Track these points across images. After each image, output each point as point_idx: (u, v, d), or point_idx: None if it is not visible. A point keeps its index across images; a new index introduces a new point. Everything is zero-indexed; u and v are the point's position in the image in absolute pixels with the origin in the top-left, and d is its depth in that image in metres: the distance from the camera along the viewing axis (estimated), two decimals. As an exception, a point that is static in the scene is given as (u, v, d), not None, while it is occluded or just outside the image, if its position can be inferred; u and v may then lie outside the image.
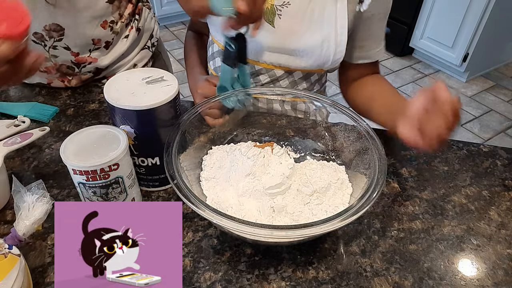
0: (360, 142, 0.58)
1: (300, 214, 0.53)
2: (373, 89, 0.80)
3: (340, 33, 0.72)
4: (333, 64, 0.77)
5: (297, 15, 0.72)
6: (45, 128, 0.62)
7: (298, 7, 0.72)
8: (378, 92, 0.78)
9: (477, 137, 2.24)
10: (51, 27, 0.75)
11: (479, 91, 2.61)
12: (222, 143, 0.65)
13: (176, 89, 0.55)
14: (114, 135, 0.54)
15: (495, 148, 0.75)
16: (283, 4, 0.72)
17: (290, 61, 0.76)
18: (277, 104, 0.80)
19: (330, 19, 0.71)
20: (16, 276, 0.42)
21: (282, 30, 0.74)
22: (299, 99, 0.78)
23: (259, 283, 0.51)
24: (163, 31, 3.12)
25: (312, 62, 0.76)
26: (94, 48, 0.83)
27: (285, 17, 0.73)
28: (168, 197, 0.62)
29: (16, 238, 0.46)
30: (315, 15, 0.71)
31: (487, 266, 0.55)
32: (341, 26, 0.71)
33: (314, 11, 0.71)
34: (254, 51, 0.77)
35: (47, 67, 0.81)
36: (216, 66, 0.86)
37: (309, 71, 0.79)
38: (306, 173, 0.59)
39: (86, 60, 0.83)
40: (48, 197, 0.48)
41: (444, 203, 0.63)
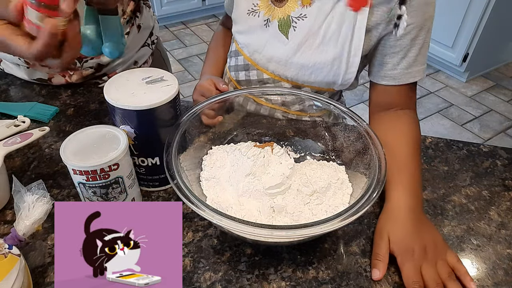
0: (360, 142, 0.58)
1: (300, 214, 0.53)
2: (386, 138, 0.61)
3: (353, 54, 0.70)
4: (343, 85, 0.74)
5: (312, 30, 0.71)
6: (45, 128, 0.62)
7: (314, 21, 0.70)
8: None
9: (477, 137, 2.24)
10: None
11: (479, 91, 2.61)
12: (222, 143, 0.65)
13: (176, 89, 0.55)
14: (114, 135, 0.54)
15: (495, 148, 0.75)
16: (299, 16, 0.71)
17: (298, 76, 0.75)
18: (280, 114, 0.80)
19: (345, 38, 0.69)
20: (16, 276, 0.42)
21: (294, 42, 0.72)
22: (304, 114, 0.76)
23: (259, 283, 0.51)
24: (163, 31, 3.12)
25: (320, 79, 0.74)
26: None
27: (300, 30, 0.72)
28: (168, 197, 0.62)
29: (16, 238, 0.46)
30: (330, 32, 0.69)
31: (487, 266, 0.55)
32: (355, 47, 0.69)
33: (330, 28, 0.69)
34: (264, 58, 0.77)
35: None
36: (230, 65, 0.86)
37: (318, 89, 0.77)
38: (306, 173, 0.59)
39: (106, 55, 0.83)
40: (48, 197, 0.48)
41: (444, 203, 0.63)
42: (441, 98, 2.53)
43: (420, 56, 0.70)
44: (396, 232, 0.54)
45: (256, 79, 0.80)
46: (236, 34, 0.81)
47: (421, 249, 0.52)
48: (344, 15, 0.68)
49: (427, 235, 0.55)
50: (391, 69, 0.71)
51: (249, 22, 0.77)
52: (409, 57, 0.69)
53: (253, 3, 0.76)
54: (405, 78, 0.71)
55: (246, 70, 0.81)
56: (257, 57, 0.78)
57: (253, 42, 0.77)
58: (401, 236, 0.54)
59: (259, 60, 0.78)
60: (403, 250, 0.53)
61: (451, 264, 0.53)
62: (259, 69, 0.79)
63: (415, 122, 0.71)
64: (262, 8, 0.75)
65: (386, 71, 0.72)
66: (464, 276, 0.51)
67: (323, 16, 0.69)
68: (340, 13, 0.68)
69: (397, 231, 0.54)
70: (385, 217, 0.57)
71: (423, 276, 0.51)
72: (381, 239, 0.54)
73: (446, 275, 0.51)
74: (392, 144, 0.64)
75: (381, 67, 0.72)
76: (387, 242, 0.54)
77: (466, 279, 0.51)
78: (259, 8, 0.75)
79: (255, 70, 0.80)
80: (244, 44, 0.79)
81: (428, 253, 0.53)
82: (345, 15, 0.68)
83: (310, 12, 0.71)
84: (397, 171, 0.60)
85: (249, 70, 0.81)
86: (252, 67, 0.80)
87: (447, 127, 2.31)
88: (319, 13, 0.70)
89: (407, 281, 0.50)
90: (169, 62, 1.12)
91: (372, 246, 0.55)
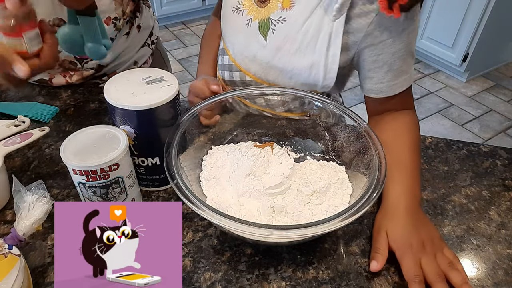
0: (360, 142, 0.58)
1: (300, 214, 0.53)
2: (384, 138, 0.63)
3: (331, 61, 0.69)
4: (325, 88, 0.73)
5: (290, 34, 0.70)
6: (45, 128, 0.62)
7: (292, 25, 0.69)
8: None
9: (477, 137, 2.24)
10: (54, 21, 0.75)
11: (479, 91, 2.61)
12: (222, 143, 0.65)
13: (176, 89, 0.55)
14: (114, 135, 0.54)
15: (495, 148, 0.75)
16: (278, 19, 0.71)
17: (279, 79, 0.74)
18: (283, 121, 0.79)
19: (322, 44, 0.68)
20: (16, 276, 0.42)
21: (273, 45, 0.72)
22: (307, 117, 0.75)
23: (259, 283, 0.51)
24: (163, 31, 3.12)
25: (300, 83, 0.73)
26: None
27: (279, 32, 0.71)
28: (168, 197, 0.62)
29: (16, 238, 0.46)
30: (308, 37, 0.69)
31: (487, 266, 0.55)
32: (333, 54, 0.68)
33: (308, 33, 0.68)
34: (247, 59, 0.76)
35: None
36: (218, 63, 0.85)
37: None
38: (306, 173, 0.59)
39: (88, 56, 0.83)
40: (48, 197, 0.48)
41: (444, 203, 0.63)
42: (441, 98, 2.53)
43: (405, 66, 0.69)
44: (394, 228, 0.55)
45: (240, 80, 0.80)
46: (223, 31, 0.81)
47: (419, 243, 0.53)
48: (322, 21, 0.67)
49: (424, 230, 0.55)
50: (378, 83, 0.70)
51: (234, 20, 0.77)
52: (394, 70, 0.69)
53: (238, 1, 0.75)
54: (392, 90, 0.70)
55: (230, 71, 0.81)
56: (239, 58, 0.78)
57: (237, 42, 0.77)
58: (398, 232, 0.54)
59: (241, 61, 0.78)
60: (401, 245, 0.53)
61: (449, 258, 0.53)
62: (242, 71, 0.79)
63: (413, 121, 0.71)
64: (245, 7, 0.75)
65: (373, 85, 0.71)
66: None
67: (301, 21, 0.69)
68: (318, 19, 0.67)
69: (395, 227, 0.55)
70: (382, 214, 0.58)
71: (423, 269, 0.51)
72: (379, 235, 0.55)
73: (446, 265, 0.51)
74: (390, 143, 0.64)
75: (368, 80, 0.71)
76: (385, 238, 0.54)
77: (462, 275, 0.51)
78: (243, 6, 0.75)
79: (238, 72, 0.79)
80: (230, 43, 0.79)
81: (426, 247, 0.53)
82: (323, 21, 0.67)
83: (289, 16, 0.70)
84: (394, 169, 0.60)
85: (232, 70, 0.81)
86: (235, 68, 0.80)
87: (447, 127, 2.31)
88: (298, 18, 0.69)
89: (408, 275, 0.50)
90: (169, 62, 1.12)
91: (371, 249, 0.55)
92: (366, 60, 0.69)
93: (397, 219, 0.56)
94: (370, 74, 0.70)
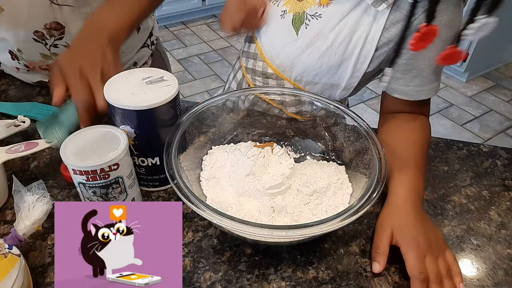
0: (360, 142, 0.58)
1: (300, 214, 0.53)
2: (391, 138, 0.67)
3: (361, 61, 0.68)
4: (347, 89, 0.73)
5: (323, 31, 0.69)
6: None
7: (326, 23, 0.69)
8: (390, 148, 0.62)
9: (477, 137, 2.24)
10: (52, 25, 0.75)
11: (479, 91, 2.61)
12: (222, 143, 0.65)
13: (176, 89, 0.55)
14: (114, 135, 0.54)
15: (495, 148, 0.75)
16: (314, 14, 0.70)
17: (303, 75, 0.73)
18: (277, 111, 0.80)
19: (355, 45, 0.67)
20: (16, 276, 0.42)
21: (304, 40, 0.71)
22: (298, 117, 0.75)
23: (259, 283, 0.51)
24: (163, 31, 3.12)
25: (324, 81, 0.73)
26: None
27: (312, 28, 0.70)
28: (168, 197, 0.62)
29: (16, 238, 0.46)
30: (340, 38, 0.68)
31: (487, 266, 0.55)
32: (364, 55, 0.68)
33: (341, 33, 0.67)
34: (273, 51, 0.75)
35: (48, 64, 0.82)
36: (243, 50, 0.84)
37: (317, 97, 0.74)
38: (306, 173, 0.59)
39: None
40: (48, 197, 0.48)
41: (444, 203, 0.63)
42: (441, 98, 2.53)
43: (435, 75, 0.68)
44: (400, 223, 0.55)
45: (261, 71, 0.79)
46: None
47: (425, 240, 0.53)
48: (359, 22, 0.66)
49: (430, 229, 0.55)
50: (403, 85, 0.69)
51: (269, 9, 0.75)
52: (422, 76, 0.67)
53: None
54: (417, 95, 0.69)
55: (254, 59, 0.80)
56: (266, 48, 0.77)
57: (267, 32, 0.76)
58: (405, 226, 0.54)
59: (268, 52, 0.77)
60: (408, 239, 0.53)
61: (448, 262, 0.53)
62: (265, 62, 0.78)
63: (427, 124, 0.71)
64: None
65: (398, 86, 0.70)
66: (456, 276, 0.52)
67: (337, 19, 0.68)
68: (354, 20, 0.66)
69: (401, 222, 0.55)
70: (388, 210, 0.58)
71: (426, 267, 0.51)
72: (384, 230, 0.55)
73: (444, 271, 0.52)
74: (400, 141, 0.65)
75: (394, 80, 0.70)
76: (390, 234, 0.54)
77: (457, 279, 0.52)
78: None
79: (262, 62, 0.79)
80: (259, 32, 0.78)
81: (432, 245, 0.53)
82: (360, 23, 0.66)
83: (325, 13, 0.69)
84: (402, 167, 0.61)
85: (257, 60, 0.80)
86: (260, 57, 0.79)
87: (447, 127, 2.31)
88: (333, 16, 0.68)
89: (413, 270, 0.50)
90: (169, 63, 1.12)
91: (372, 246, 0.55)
92: (395, 62, 0.68)
93: (405, 215, 0.56)
94: (398, 74, 0.69)
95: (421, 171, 0.63)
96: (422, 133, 0.69)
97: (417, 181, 0.60)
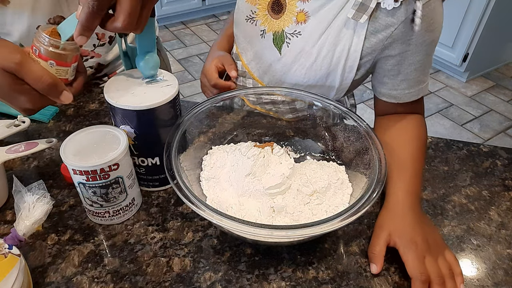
0: (360, 142, 0.58)
1: (300, 214, 0.53)
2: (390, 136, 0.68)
3: (348, 71, 0.69)
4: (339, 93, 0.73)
5: (305, 48, 0.69)
6: (52, 140, 0.61)
7: (307, 40, 0.68)
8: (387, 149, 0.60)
9: (477, 137, 2.24)
10: (56, 19, 0.75)
11: (479, 91, 2.61)
12: (222, 143, 0.65)
13: (176, 89, 0.55)
14: (114, 135, 0.54)
15: (495, 148, 0.75)
16: (293, 33, 0.70)
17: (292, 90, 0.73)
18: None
19: (339, 57, 0.67)
20: (16, 276, 0.42)
21: (288, 59, 0.71)
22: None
23: (259, 283, 0.51)
24: (163, 31, 3.12)
25: (316, 90, 0.72)
26: (99, 44, 0.83)
27: (294, 47, 0.70)
28: (168, 197, 0.62)
29: (16, 238, 0.46)
30: (324, 51, 0.68)
31: (487, 266, 0.55)
32: (350, 66, 0.68)
33: (324, 47, 0.67)
34: (260, 69, 0.76)
35: None
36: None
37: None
38: (306, 173, 0.59)
39: (88, 53, 0.83)
40: (49, 197, 0.48)
41: (444, 203, 0.63)
42: (441, 98, 2.53)
43: (422, 76, 0.68)
44: (398, 225, 0.55)
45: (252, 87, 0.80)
46: (236, 36, 0.81)
47: (424, 241, 0.53)
48: (339, 36, 0.66)
49: (428, 230, 0.55)
50: (391, 89, 0.70)
51: (247, 29, 0.76)
52: (409, 79, 0.68)
53: (251, 10, 0.74)
54: (406, 97, 0.70)
55: (243, 77, 0.81)
56: (253, 66, 0.77)
57: (250, 50, 0.77)
58: (403, 228, 0.54)
59: (255, 70, 0.77)
60: (406, 241, 0.53)
61: (449, 263, 0.53)
62: (254, 79, 0.78)
63: (421, 123, 0.71)
64: (259, 17, 0.73)
65: (386, 90, 0.71)
66: (457, 276, 0.52)
67: (317, 35, 0.68)
68: (335, 33, 0.66)
69: (399, 224, 0.55)
70: (386, 212, 0.58)
71: (426, 268, 0.51)
72: (381, 231, 0.55)
73: (446, 270, 0.51)
74: (396, 142, 0.65)
75: (381, 85, 0.71)
76: (387, 235, 0.54)
77: (458, 280, 0.52)
78: (256, 16, 0.74)
79: (251, 79, 0.79)
80: (243, 49, 0.79)
81: (431, 246, 0.53)
82: (340, 36, 0.66)
83: (304, 30, 0.69)
84: (399, 168, 0.61)
85: (246, 77, 0.80)
86: (249, 75, 0.79)
87: (447, 127, 2.31)
88: (313, 32, 0.68)
89: (413, 271, 0.50)
90: (169, 63, 1.12)
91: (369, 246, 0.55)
92: (381, 68, 0.69)
93: (403, 217, 0.56)
94: (385, 80, 0.70)
95: (419, 170, 0.63)
96: (418, 132, 0.69)
97: (416, 181, 0.61)
